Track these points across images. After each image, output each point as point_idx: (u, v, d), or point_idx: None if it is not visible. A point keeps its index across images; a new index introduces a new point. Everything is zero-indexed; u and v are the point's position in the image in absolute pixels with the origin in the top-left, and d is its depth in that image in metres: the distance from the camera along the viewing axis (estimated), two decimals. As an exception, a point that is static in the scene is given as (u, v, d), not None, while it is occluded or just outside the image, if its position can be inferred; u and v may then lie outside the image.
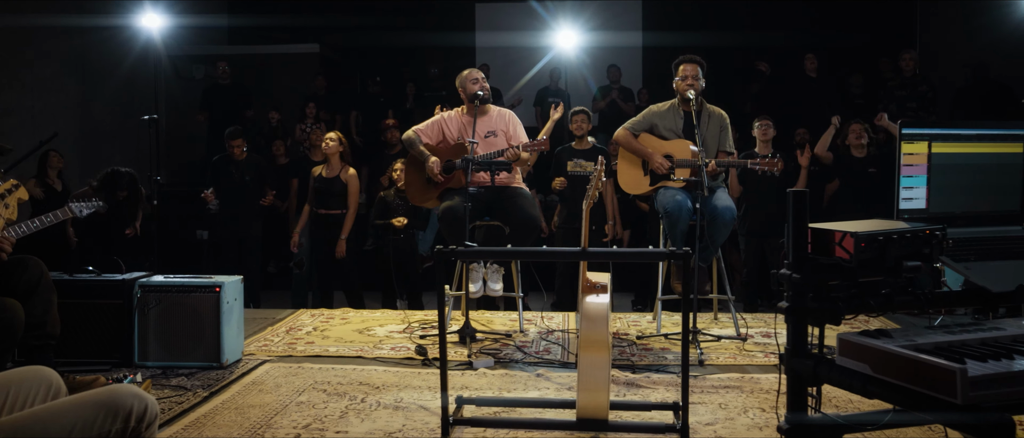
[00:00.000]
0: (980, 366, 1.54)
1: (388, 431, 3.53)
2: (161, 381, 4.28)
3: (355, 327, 5.57)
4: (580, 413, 3.35)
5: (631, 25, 11.91)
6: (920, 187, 2.17)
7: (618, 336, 5.30)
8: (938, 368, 1.49)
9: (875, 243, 1.83)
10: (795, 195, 1.87)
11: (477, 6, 12.11)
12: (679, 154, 5.26)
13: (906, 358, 1.56)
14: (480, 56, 11.90)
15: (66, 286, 4.61)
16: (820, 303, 1.84)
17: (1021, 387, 1.51)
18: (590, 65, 10.92)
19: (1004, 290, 1.91)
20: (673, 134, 5.36)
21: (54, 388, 2.14)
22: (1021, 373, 1.53)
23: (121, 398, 1.89)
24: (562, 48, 9.84)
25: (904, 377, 1.56)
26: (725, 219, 5.05)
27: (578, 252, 3.34)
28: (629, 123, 5.55)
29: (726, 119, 5.45)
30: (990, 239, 2.13)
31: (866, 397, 1.68)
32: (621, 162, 5.56)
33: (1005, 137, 2.23)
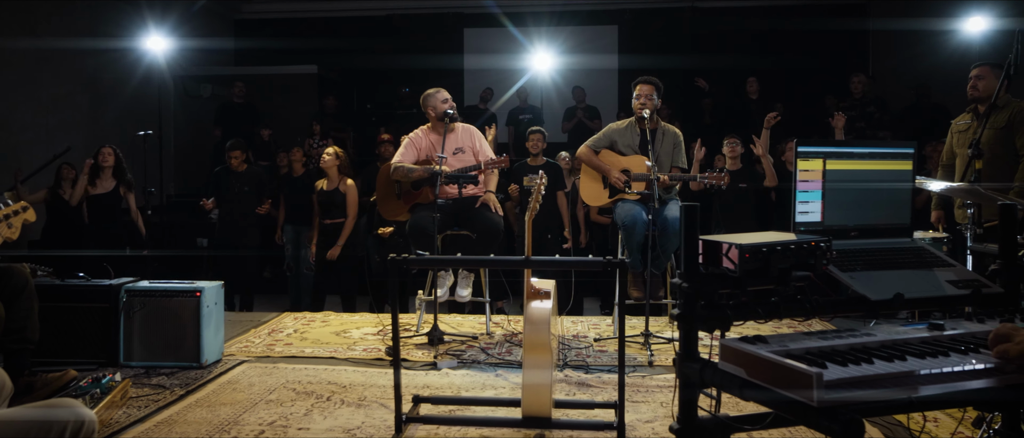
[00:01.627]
0: (839, 370, 1.52)
1: (347, 428, 3.51)
2: (143, 380, 4.26)
3: (333, 329, 5.55)
4: (525, 411, 3.33)
5: (607, 49, 11.91)
6: (816, 201, 2.15)
7: (578, 337, 5.28)
8: (798, 372, 1.47)
9: (759, 254, 1.81)
10: (686, 210, 1.86)
11: (466, 30, 12.12)
12: (636, 169, 5.26)
13: (773, 362, 1.54)
14: (468, 77, 11.92)
15: (57, 290, 4.61)
16: (710, 311, 1.83)
17: (876, 390, 1.50)
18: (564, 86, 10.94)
19: (883, 298, 1.90)
20: (631, 150, 5.36)
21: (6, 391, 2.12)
22: (877, 377, 1.52)
23: (56, 414, 1.84)
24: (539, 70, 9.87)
25: (772, 380, 1.54)
26: (675, 229, 5.04)
27: (521, 260, 3.33)
28: (591, 140, 5.55)
29: (680, 137, 5.46)
30: (879, 250, 2.12)
31: (743, 399, 1.66)
32: (583, 177, 5.56)
33: (895, 155, 2.22)
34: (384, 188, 5.50)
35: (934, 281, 2.03)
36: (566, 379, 4.31)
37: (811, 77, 10.68)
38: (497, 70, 11.43)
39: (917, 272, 2.07)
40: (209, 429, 3.50)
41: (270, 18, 12.45)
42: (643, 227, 5.06)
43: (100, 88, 9.52)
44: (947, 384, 1.55)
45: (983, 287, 2.01)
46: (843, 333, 1.77)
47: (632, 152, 5.35)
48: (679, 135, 5.45)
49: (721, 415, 1.84)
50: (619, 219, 5.21)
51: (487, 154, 5.24)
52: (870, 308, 1.90)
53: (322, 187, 7.00)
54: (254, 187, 7.40)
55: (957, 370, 1.57)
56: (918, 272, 2.07)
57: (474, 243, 5.11)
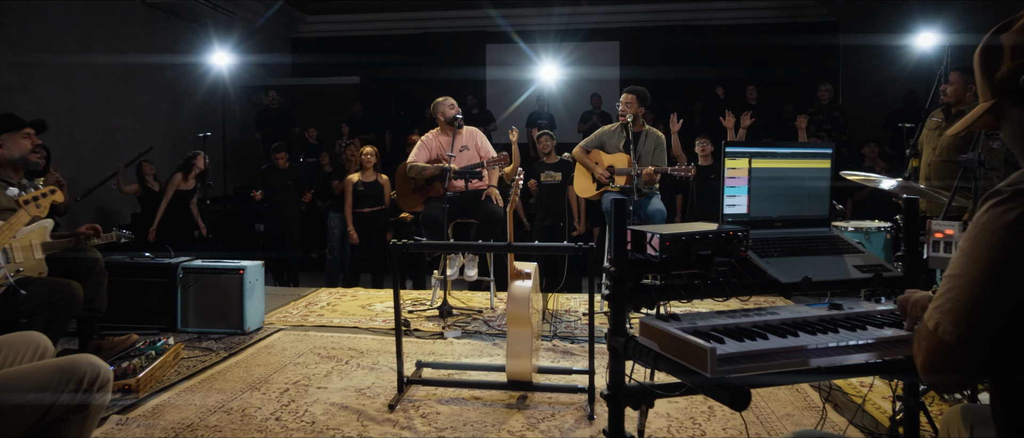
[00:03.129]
0: (735, 345, 1.49)
1: (359, 387, 3.53)
2: (194, 344, 4.32)
3: (360, 303, 5.57)
4: (509, 376, 3.33)
5: (610, 61, 11.82)
6: (742, 195, 2.11)
7: (570, 312, 5.25)
8: (696, 346, 1.44)
9: (679, 242, 1.78)
10: (616, 203, 1.83)
11: (488, 46, 12.08)
12: (620, 165, 5.23)
13: (677, 338, 1.51)
14: (490, 86, 11.90)
15: (127, 267, 4.69)
16: (636, 292, 1.79)
17: (763, 362, 1.47)
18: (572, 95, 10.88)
19: (793, 281, 1.86)
20: (617, 150, 5.31)
21: (41, 350, 2.14)
22: (769, 351, 1.49)
23: (78, 366, 1.87)
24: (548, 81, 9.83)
25: (677, 353, 1.52)
26: (655, 219, 5.02)
27: (504, 246, 3.31)
28: (584, 141, 5.52)
29: (662, 139, 5.39)
30: (796, 239, 2.07)
31: (656, 370, 1.63)
32: (577, 173, 5.52)
33: (815, 155, 2.16)
34: (402, 184, 5.51)
35: (842, 266, 1.98)
36: (554, 348, 4.29)
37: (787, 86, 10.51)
38: (516, 80, 11.39)
39: (829, 258, 2.02)
40: (243, 386, 3.54)
41: (321, 36, 12.53)
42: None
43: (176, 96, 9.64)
44: (833, 357, 1.52)
45: (884, 271, 1.96)
46: (753, 311, 1.74)
47: (618, 151, 5.30)
48: (661, 138, 5.38)
49: (644, 383, 1.81)
50: (605, 209, 5.20)
51: (489, 152, 5.22)
52: (782, 290, 1.86)
53: (360, 179, 7.00)
54: (296, 181, 7.46)
55: (842, 345, 1.53)
56: (830, 258, 2.02)
57: (479, 230, 5.11)
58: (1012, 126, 1.22)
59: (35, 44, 7.12)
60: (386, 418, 3.12)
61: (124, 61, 8.59)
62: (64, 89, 7.66)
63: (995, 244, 1.05)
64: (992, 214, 1.07)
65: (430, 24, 12.06)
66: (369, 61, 11.55)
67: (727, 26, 11.60)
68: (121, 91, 8.62)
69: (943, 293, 1.12)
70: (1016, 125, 1.21)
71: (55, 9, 7.41)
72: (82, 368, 1.87)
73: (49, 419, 1.82)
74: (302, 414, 3.16)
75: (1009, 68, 1.19)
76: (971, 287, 1.08)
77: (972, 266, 1.08)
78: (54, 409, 1.81)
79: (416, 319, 4.91)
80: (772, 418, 3.17)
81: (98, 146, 8.20)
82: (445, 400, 3.35)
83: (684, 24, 11.71)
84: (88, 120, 8.04)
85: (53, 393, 1.80)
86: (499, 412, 3.20)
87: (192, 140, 7.87)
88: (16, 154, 3.65)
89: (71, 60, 7.66)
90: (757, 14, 11.53)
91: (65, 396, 1.82)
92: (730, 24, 11.61)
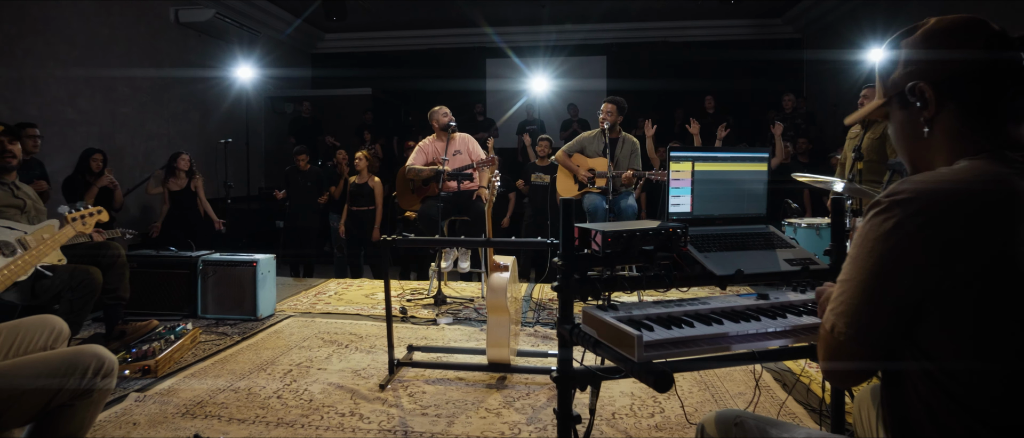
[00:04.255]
0: (663, 332, 1.47)
1: (355, 369, 3.51)
2: (212, 329, 4.31)
3: (365, 292, 5.56)
4: (489, 359, 3.31)
5: (598, 74, 11.77)
6: (686, 196, 2.08)
7: (553, 301, 5.22)
8: (625, 333, 1.42)
9: (620, 238, 1.75)
10: (564, 203, 1.81)
11: (487, 60, 12.03)
12: (599, 168, 5.20)
13: (611, 325, 1.49)
14: (489, 96, 11.86)
15: (152, 260, 4.69)
16: (582, 284, 1.77)
17: (688, 348, 1.45)
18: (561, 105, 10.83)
19: (726, 273, 1.83)
20: (596, 154, 5.29)
21: (56, 333, 2.11)
22: (694, 338, 1.47)
23: (82, 356, 1.84)
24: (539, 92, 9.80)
25: (612, 340, 1.49)
26: (627, 215, 5.02)
27: (483, 241, 3.29)
28: (566, 146, 5.49)
29: (637, 145, 5.36)
30: (734, 235, 2.04)
31: (596, 355, 1.61)
32: (560, 175, 5.50)
33: (753, 158, 2.14)
34: (401, 185, 5.49)
35: (774, 260, 1.95)
36: (535, 333, 4.27)
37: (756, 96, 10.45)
38: (513, 91, 11.35)
39: (763, 252, 1.99)
40: (251, 367, 3.53)
41: (337, 52, 12.49)
42: (603, 213, 5.01)
43: (206, 106, 9.63)
44: (752, 343, 1.50)
45: (812, 264, 1.93)
46: (687, 302, 1.71)
47: (598, 155, 5.28)
48: (636, 143, 5.36)
49: (591, 366, 1.79)
50: (585, 207, 5.18)
51: (480, 156, 5.20)
52: (717, 282, 1.84)
53: (354, 181, 6.96)
54: (315, 182, 7.43)
55: (761, 332, 1.51)
56: (763, 252, 1.99)
57: (471, 227, 5.09)
58: (895, 126, 1.21)
59: (82, 61, 7.14)
60: (376, 396, 3.10)
61: (160, 75, 8.59)
62: (106, 100, 7.66)
63: (876, 251, 1.03)
64: (873, 223, 1.04)
65: (435, 40, 12.02)
66: (381, 74, 11.52)
67: (703, 42, 11.54)
68: (157, 102, 8.61)
69: (837, 296, 1.11)
70: (898, 125, 1.20)
71: (100, 30, 7.44)
72: (86, 359, 1.85)
73: (56, 404, 1.80)
74: (301, 392, 3.15)
75: (899, 75, 1.18)
76: (858, 291, 1.06)
77: (859, 271, 1.06)
78: (61, 395, 1.79)
79: (414, 307, 4.90)
80: (726, 396, 3.15)
81: (136, 151, 8.20)
82: (432, 381, 3.33)
83: (665, 40, 11.64)
84: (128, 128, 8.04)
85: (60, 380, 1.78)
86: (479, 392, 3.18)
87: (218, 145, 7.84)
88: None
89: (113, 74, 7.68)
90: (730, 32, 11.48)
91: (71, 383, 1.79)
92: (706, 40, 11.55)
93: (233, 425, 2.77)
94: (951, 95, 1.11)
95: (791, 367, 3.53)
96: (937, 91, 1.12)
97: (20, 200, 3.61)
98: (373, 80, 11.24)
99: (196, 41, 9.39)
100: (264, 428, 2.74)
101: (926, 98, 1.12)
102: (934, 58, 1.12)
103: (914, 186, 1.02)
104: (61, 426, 1.83)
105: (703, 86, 10.34)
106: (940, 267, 0.97)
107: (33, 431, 1.83)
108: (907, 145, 1.20)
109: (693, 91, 10.37)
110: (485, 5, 10.11)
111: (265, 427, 2.75)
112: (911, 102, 1.14)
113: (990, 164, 1.04)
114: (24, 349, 2.02)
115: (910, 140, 1.18)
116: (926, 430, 1.01)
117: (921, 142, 1.16)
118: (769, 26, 11.34)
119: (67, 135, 6.86)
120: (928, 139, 1.14)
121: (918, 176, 1.06)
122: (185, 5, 8.79)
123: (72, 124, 7.06)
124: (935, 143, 1.14)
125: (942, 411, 0.99)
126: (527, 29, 11.34)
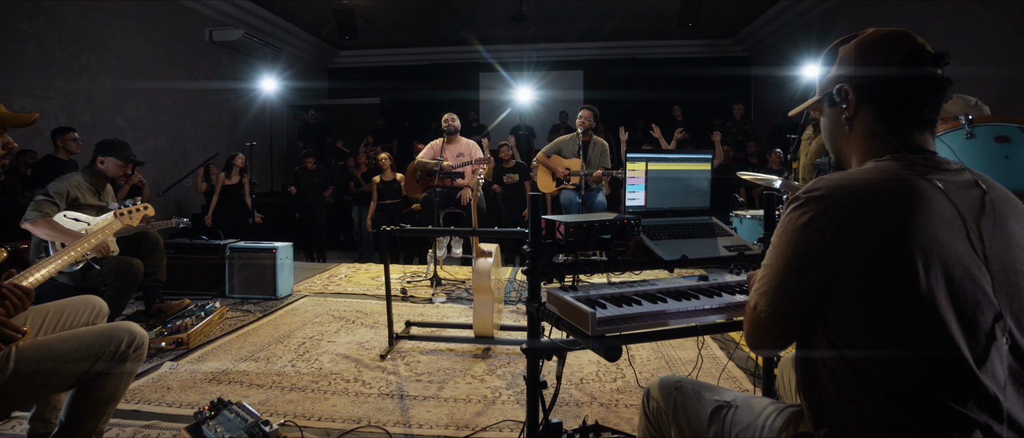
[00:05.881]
0: (614, 310, 1.46)
1: (360, 341, 3.49)
2: (238, 307, 4.27)
3: (371, 275, 5.52)
4: (475, 332, 3.29)
5: (576, 86, 11.73)
6: (640, 191, 2.07)
7: (534, 281, 5.21)
8: (581, 311, 1.41)
9: (580, 228, 1.74)
10: (532, 200, 1.79)
11: (481, 74, 11.96)
12: (574, 168, 5.18)
13: (569, 304, 1.48)
14: (482, 105, 11.79)
15: (187, 247, 4.64)
16: (547, 268, 1.75)
17: (635, 323, 1.44)
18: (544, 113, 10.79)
19: (673, 258, 1.82)
20: (572, 154, 5.26)
21: (97, 311, 2.08)
22: (639, 314, 1.45)
23: (117, 332, 1.82)
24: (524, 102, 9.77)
25: (571, 316, 1.48)
26: (597, 208, 5.02)
27: (470, 231, 3.26)
28: (545, 148, 5.47)
29: (606, 147, 5.34)
30: (681, 225, 2.03)
31: (559, 330, 1.59)
32: (540, 173, 5.47)
33: (698, 159, 2.12)
34: (409, 177, 5.50)
35: (715, 246, 1.94)
36: (517, 310, 4.25)
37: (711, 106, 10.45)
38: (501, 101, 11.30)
39: (705, 240, 1.98)
40: (270, 340, 3.50)
41: (350, 66, 12.39)
42: (576, 207, 5.01)
43: (236, 113, 9.54)
44: (688, 319, 1.48)
45: (747, 250, 1.92)
46: (638, 283, 1.70)
47: (573, 156, 5.26)
48: (605, 145, 5.34)
49: (555, 339, 1.77)
50: (561, 201, 5.18)
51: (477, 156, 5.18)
52: (665, 266, 1.83)
53: (381, 178, 6.91)
54: (321, 180, 7.39)
55: (698, 308, 1.50)
56: (706, 240, 1.98)
57: (462, 218, 5.06)
58: (825, 121, 1.21)
59: (129, 74, 7.08)
60: (377, 365, 3.08)
61: (196, 87, 8.50)
62: (149, 109, 7.58)
63: (794, 240, 1.02)
64: (792, 216, 1.03)
65: (435, 57, 11.95)
66: (388, 86, 11.45)
67: (666, 59, 11.53)
68: (193, 110, 8.52)
69: (760, 279, 1.09)
70: (827, 122, 1.21)
71: (144, 48, 7.37)
72: (120, 334, 1.83)
73: (94, 372, 1.78)
74: (313, 362, 3.12)
75: (831, 77, 1.17)
76: (778, 275, 1.05)
77: (779, 258, 1.05)
78: (99, 363, 1.78)
79: (413, 288, 4.87)
80: (678, 363, 3.15)
81: (175, 153, 8.11)
82: (426, 352, 3.31)
83: (633, 57, 11.62)
84: (168, 133, 7.96)
85: (98, 351, 1.77)
86: (467, 361, 3.17)
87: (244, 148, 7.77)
88: (110, 174, 3.64)
89: (155, 86, 7.60)
90: (689, 50, 11.48)
91: (107, 354, 1.78)
92: (669, 58, 11.54)
93: (252, 390, 2.75)
94: (869, 99, 1.11)
95: (734, 337, 3.53)
96: (858, 94, 1.12)
97: (103, 202, 3.61)
98: (381, 91, 11.16)
99: (227, 57, 9.28)
100: (279, 392, 2.71)
101: (848, 99, 1.13)
102: (860, 64, 1.12)
103: (827, 185, 1.02)
104: (99, 391, 1.81)
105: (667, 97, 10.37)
106: (847, 254, 0.96)
107: (75, 395, 1.81)
108: (832, 138, 1.20)
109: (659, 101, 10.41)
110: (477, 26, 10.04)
111: (280, 392, 2.72)
112: (837, 101, 1.15)
113: (894, 165, 1.04)
114: (69, 324, 1.99)
115: (835, 134, 1.18)
116: (831, 394, 1.01)
117: (843, 136, 1.16)
118: (722, 45, 11.34)
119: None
120: (849, 135, 1.15)
121: (831, 176, 1.05)
122: (218, 26, 8.69)
123: (120, 130, 6.96)
124: (854, 138, 1.14)
125: (844, 378, 0.99)
126: (513, 47, 11.29)
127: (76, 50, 6.29)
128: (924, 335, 0.92)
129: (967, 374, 0.91)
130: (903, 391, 0.93)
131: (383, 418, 2.45)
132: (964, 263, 0.94)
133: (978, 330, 0.93)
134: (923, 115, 1.08)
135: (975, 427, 0.91)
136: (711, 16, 9.43)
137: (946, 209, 0.97)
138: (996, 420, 0.92)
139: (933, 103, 1.08)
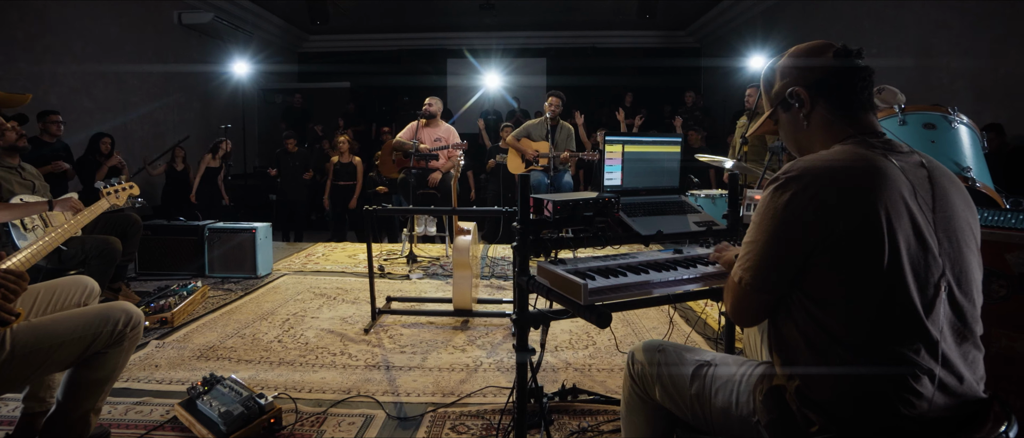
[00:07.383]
0: (603, 281, 1.48)
1: (343, 317, 3.45)
2: (219, 286, 4.16)
3: (348, 253, 5.45)
4: (455, 305, 3.30)
5: (539, 72, 11.69)
6: (617, 172, 2.09)
7: (505, 259, 5.23)
8: (573, 282, 1.43)
9: (566, 206, 1.76)
10: (522, 180, 1.79)
11: (448, 60, 11.78)
12: (542, 150, 5.20)
13: (561, 276, 1.50)
14: (450, 91, 11.63)
15: (166, 228, 4.48)
16: (536, 243, 1.77)
17: (622, 293, 1.47)
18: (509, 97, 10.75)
19: (649, 234, 1.86)
20: (540, 138, 5.28)
21: (89, 291, 2.00)
22: (625, 285, 1.49)
23: (113, 311, 1.75)
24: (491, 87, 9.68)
25: (562, 288, 1.50)
26: (564, 188, 5.08)
27: (449, 210, 3.25)
28: (515, 131, 5.48)
29: (572, 131, 5.38)
30: (654, 203, 2.07)
31: (549, 301, 1.61)
32: (510, 155, 5.47)
33: (669, 142, 2.16)
34: (386, 155, 5.40)
35: (686, 222, 1.99)
36: (491, 285, 4.27)
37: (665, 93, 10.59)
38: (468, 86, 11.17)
39: (677, 216, 2.03)
40: (254, 317, 3.43)
41: (321, 51, 12.01)
42: (545, 188, 5.04)
43: (206, 96, 9.16)
44: (670, 287, 1.53)
45: (715, 226, 1.98)
46: (620, 257, 1.74)
47: (541, 139, 5.27)
48: (571, 129, 5.38)
49: (542, 309, 1.80)
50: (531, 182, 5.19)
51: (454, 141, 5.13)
52: (642, 240, 1.87)
53: (338, 160, 6.76)
54: (301, 162, 7.20)
55: (677, 278, 1.54)
56: (678, 216, 2.03)
57: (435, 198, 5.02)
58: (784, 127, 1.28)
59: (95, 57, 6.68)
60: (362, 339, 3.07)
61: (166, 69, 8.10)
62: (118, 91, 7.19)
63: (777, 217, 1.06)
64: (773, 196, 1.08)
65: (405, 42, 11.69)
66: (358, 70, 11.16)
67: (623, 49, 11.61)
68: (163, 92, 8.13)
69: (744, 255, 1.13)
70: (786, 126, 1.27)
71: (110, 30, 6.96)
72: (117, 313, 1.76)
73: (92, 351, 1.72)
74: (298, 337, 3.08)
75: (780, 86, 1.25)
76: (761, 250, 1.09)
77: (762, 234, 1.09)
78: (96, 343, 1.71)
79: (390, 265, 4.83)
80: (643, 330, 3.24)
81: (145, 135, 7.75)
82: (407, 325, 3.31)
83: (593, 46, 11.65)
84: (138, 115, 7.59)
85: (95, 331, 1.70)
86: (447, 332, 3.18)
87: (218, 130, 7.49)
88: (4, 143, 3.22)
89: (124, 69, 7.21)
90: (644, 41, 11.58)
91: (104, 334, 1.72)
92: (625, 47, 11.62)
93: (241, 365, 2.69)
94: (819, 93, 1.19)
95: (693, 307, 3.65)
96: (809, 92, 1.20)
97: (29, 181, 3.37)
98: (351, 75, 10.88)
99: (197, 40, 8.88)
100: (268, 366, 2.67)
101: (802, 98, 1.20)
102: (804, 66, 1.21)
103: (802, 165, 1.07)
104: (96, 370, 1.75)
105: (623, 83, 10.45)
106: (824, 227, 1.01)
107: (73, 374, 1.75)
108: (793, 137, 1.26)
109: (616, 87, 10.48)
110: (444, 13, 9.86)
111: (269, 366, 2.68)
112: (792, 104, 1.22)
113: (857, 147, 1.10)
114: (61, 305, 1.91)
115: (795, 133, 1.24)
116: (802, 350, 1.07)
117: (803, 133, 1.23)
118: (675, 37, 11.48)
119: (85, 121, 6.44)
120: (809, 130, 1.21)
121: (805, 158, 1.10)
122: (187, 9, 8.27)
123: (89, 112, 6.61)
124: (814, 131, 1.21)
125: (813, 336, 1.06)
126: (479, 34, 11.14)
127: (38, 31, 5.90)
128: (888, 291, 1.01)
129: (917, 323, 1.01)
130: (863, 342, 1.02)
131: (372, 388, 2.45)
132: (920, 229, 1.04)
133: (928, 286, 1.03)
134: (863, 97, 1.17)
135: (923, 373, 1.01)
136: (666, 9, 9.52)
137: (904, 185, 1.05)
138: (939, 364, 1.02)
139: (868, 85, 1.17)
